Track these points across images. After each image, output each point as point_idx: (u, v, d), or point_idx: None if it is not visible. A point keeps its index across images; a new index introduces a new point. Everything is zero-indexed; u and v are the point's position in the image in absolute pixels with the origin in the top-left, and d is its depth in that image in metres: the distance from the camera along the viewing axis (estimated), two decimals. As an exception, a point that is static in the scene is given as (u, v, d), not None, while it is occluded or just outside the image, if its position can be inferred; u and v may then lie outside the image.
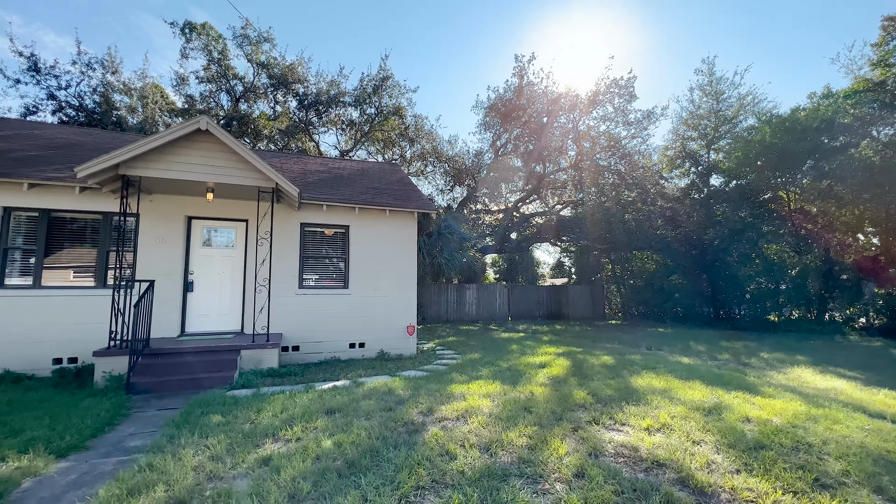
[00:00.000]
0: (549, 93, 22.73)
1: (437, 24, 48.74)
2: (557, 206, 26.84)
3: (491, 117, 25.39)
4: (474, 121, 59.56)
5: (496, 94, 24.64)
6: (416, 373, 7.17)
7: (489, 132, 26.25)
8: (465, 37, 52.56)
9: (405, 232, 9.73)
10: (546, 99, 22.76)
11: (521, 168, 26.06)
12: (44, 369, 6.97)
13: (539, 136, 23.06)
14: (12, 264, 7.20)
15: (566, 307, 23.27)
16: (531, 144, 24.62)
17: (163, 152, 6.72)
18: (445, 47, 53.67)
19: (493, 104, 24.72)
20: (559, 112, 22.93)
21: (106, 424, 4.32)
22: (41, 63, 17.21)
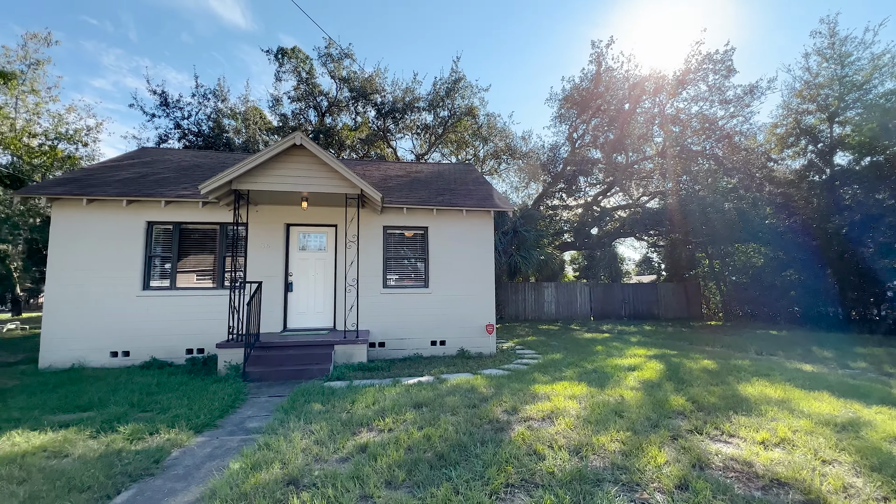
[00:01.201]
0: (630, 77, 21.24)
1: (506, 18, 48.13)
2: (643, 198, 24.97)
3: (566, 108, 24.41)
4: (548, 114, 57.73)
5: (571, 85, 23.65)
6: (498, 371, 7.18)
7: (564, 124, 25.27)
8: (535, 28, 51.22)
9: (482, 231, 9.77)
10: (627, 84, 21.30)
11: (600, 159, 24.68)
12: (179, 358, 8.22)
13: (620, 125, 21.65)
14: (154, 269, 8.59)
15: (656, 306, 21.58)
16: (611, 134, 23.21)
17: (265, 167, 7.54)
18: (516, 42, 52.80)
19: (569, 95, 23.74)
20: (642, 97, 21.32)
21: (229, 407, 4.97)
22: (169, 98, 20.37)
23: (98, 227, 8.25)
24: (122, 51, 49.28)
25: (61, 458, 3.42)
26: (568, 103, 23.94)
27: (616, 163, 23.48)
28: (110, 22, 47.07)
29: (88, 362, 7.90)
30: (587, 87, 22.75)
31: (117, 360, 8.04)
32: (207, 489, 2.86)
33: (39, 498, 2.71)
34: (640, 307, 21.76)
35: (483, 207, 9.56)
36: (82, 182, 8.78)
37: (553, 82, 62.13)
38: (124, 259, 8.27)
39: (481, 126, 23.19)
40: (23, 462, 3.25)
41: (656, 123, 22.12)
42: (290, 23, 49.51)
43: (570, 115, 24.66)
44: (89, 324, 7.99)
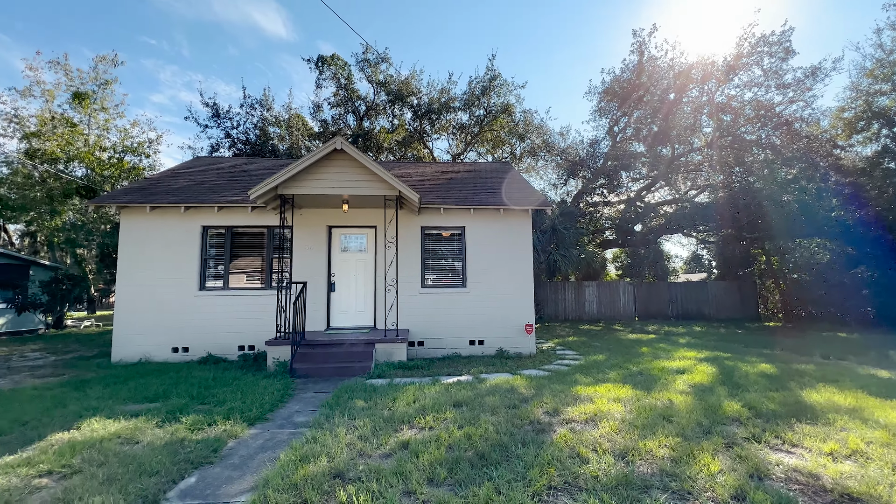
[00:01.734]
0: (675, 65, 20.24)
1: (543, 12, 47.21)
2: (690, 192, 23.72)
3: (606, 101, 23.64)
4: (587, 108, 56.08)
5: (612, 77, 22.87)
6: (538, 372, 7.07)
7: (604, 118, 24.48)
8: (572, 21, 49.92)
9: (520, 230, 9.67)
10: (672, 73, 20.30)
11: (643, 153, 23.67)
12: (232, 354, 8.72)
13: (664, 116, 20.67)
14: (208, 271, 9.16)
15: (706, 306, 20.43)
16: (655, 126, 22.21)
17: (308, 172, 7.85)
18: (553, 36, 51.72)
19: (609, 87, 22.97)
20: (689, 85, 20.23)
21: (278, 402, 5.22)
22: (220, 110, 21.69)
23: (160, 232, 8.92)
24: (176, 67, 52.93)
25: (133, 444, 3.73)
26: (608, 96, 23.18)
27: (660, 156, 22.45)
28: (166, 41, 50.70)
29: (153, 357, 8.56)
30: (628, 79, 21.92)
31: (178, 355, 8.65)
32: (261, 478, 3.02)
33: (116, 480, 2.97)
34: (689, 307, 20.68)
35: (520, 206, 9.45)
36: (146, 191, 9.52)
37: (592, 75, 60.35)
38: (183, 261, 8.88)
39: (518, 123, 22.91)
40: (101, 447, 3.58)
41: (705, 113, 20.93)
42: (328, 30, 51.20)
43: (610, 108, 23.86)
44: (154, 322, 8.65)
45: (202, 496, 2.87)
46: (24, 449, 3.60)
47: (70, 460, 3.29)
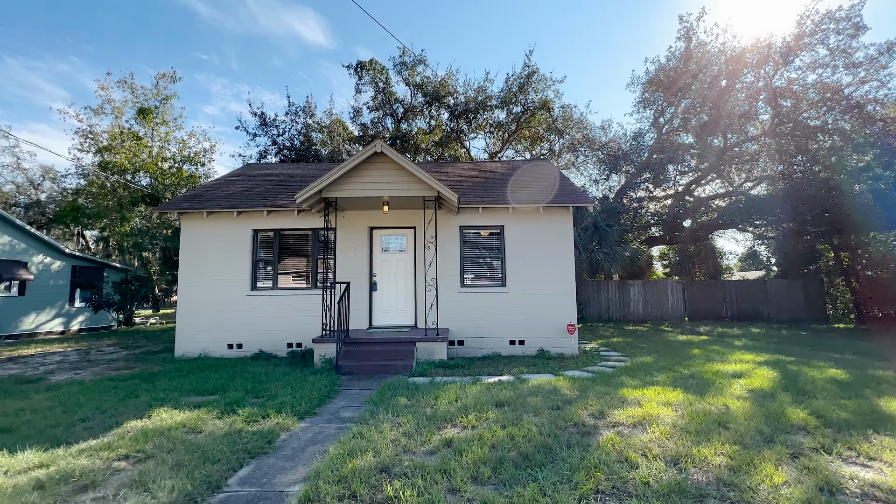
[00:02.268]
0: (727, 50, 19.02)
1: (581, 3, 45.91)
2: (746, 184, 22.22)
3: (651, 92, 22.62)
4: (629, 100, 53.92)
5: (656, 66, 21.86)
6: (581, 373, 6.90)
7: (649, 109, 23.44)
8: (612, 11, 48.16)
9: (560, 227, 9.47)
10: (724, 58, 19.10)
11: (692, 145, 22.44)
12: (282, 351, 9.15)
13: (715, 104, 19.48)
14: (259, 272, 9.66)
15: (765, 306, 19.07)
16: (705, 115, 20.99)
17: (350, 176, 8.09)
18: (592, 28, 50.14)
19: (654, 77, 21.98)
20: (743, 70, 18.94)
21: (326, 397, 5.43)
22: (267, 118, 22.82)
23: (215, 236, 9.52)
24: (226, 80, 56.18)
25: (196, 433, 4.02)
26: (652, 86, 22.17)
27: (711, 147, 21.19)
28: (217, 55, 53.92)
29: (211, 353, 9.15)
30: (675, 67, 20.86)
31: (232, 351, 9.20)
32: (312, 470, 3.16)
33: (183, 465, 3.22)
34: (745, 307, 19.38)
35: (560, 203, 9.26)
36: (202, 198, 10.19)
37: (634, 66, 57.95)
38: (236, 263, 9.42)
39: (556, 119, 22.41)
40: (169, 435, 3.88)
41: (761, 99, 19.53)
42: (365, 36, 52.52)
43: (654, 98, 22.83)
44: (211, 320, 9.25)
45: (259, 484, 3.05)
46: (104, 434, 3.97)
47: (143, 446, 3.60)
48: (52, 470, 3.13)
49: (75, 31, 47.28)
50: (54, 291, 15.67)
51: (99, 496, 2.81)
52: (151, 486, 2.90)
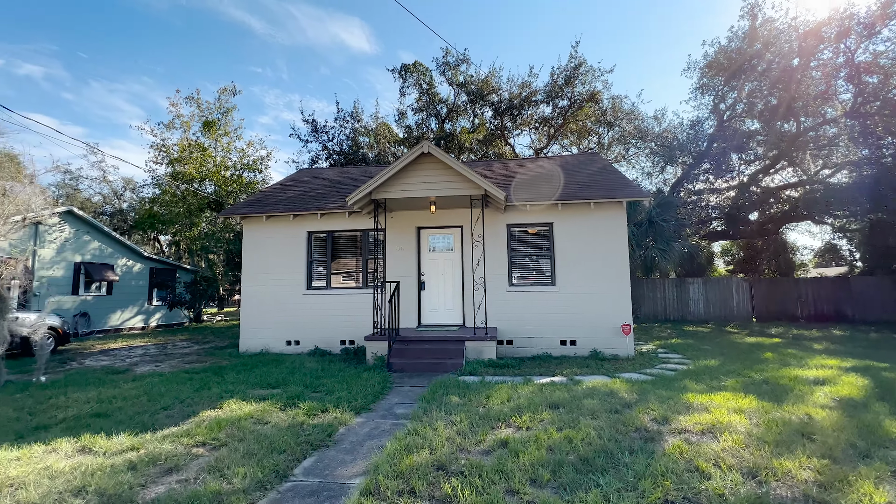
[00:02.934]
0: (799, 25, 17.36)
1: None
2: (823, 172, 20.16)
3: (709, 77, 21.14)
4: (685, 87, 50.72)
5: (715, 48, 20.40)
6: (638, 376, 6.58)
7: (707, 95, 21.91)
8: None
9: (613, 223, 9.09)
10: (795, 34, 17.45)
11: (759, 131, 20.72)
12: (335, 348, 9.51)
13: (787, 85, 17.84)
14: (313, 272, 10.10)
15: (848, 306, 17.22)
16: (773, 98, 19.30)
17: (398, 177, 8.24)
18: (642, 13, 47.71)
19: (713, 60, 20.52)
20: (819, 46, 17.19)
21: (379, 393, 5.57)
22: (318, 125, 23.85)
23: (274, 238, 10.07)
24: (278, 90, 59.30)
25: (262, 424, 4.27)
26: (712, 70, 20.71)
27: (781, 132, 19.42)
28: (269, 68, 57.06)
29: (271, 349, 9.69)
30: (737, 48, 19.35)
31: (291, 347, 9.69)
32: (371, 464, 3.25)
33: (254, 454, 3.43)
34: (824, 307, 17.60)
35: (612, 198, 8.88)
36: (261, 202, 10.82)
37: (690, 50, 54.47)
38: (293, 264, 9.91)
39: (605, 111, 21.51)
40: (239, 425, 4.15)
41: (841, 77, 17.62)
42: (407, 39, 53.41)
43: (714, 83, 21.32)
44: (271, 318, 9.80)
45: (321, 475, 3.18)
46: (183, 422, 4.33)
47: (218, 434, 3.87)
48: (141, 453, 3.46)
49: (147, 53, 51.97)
50: (136, 291, 17.32)
51: (182, 479, 3.06)
52: (226, 472, 3.12)
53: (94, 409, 4.76)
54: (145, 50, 51.39)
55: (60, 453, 3.47)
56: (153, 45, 51.35)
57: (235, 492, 2.83)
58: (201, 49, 53.89)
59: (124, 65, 51.44)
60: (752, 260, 28.04)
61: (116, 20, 46.61)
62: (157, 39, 50.87)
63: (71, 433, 3.92)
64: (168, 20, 48.46)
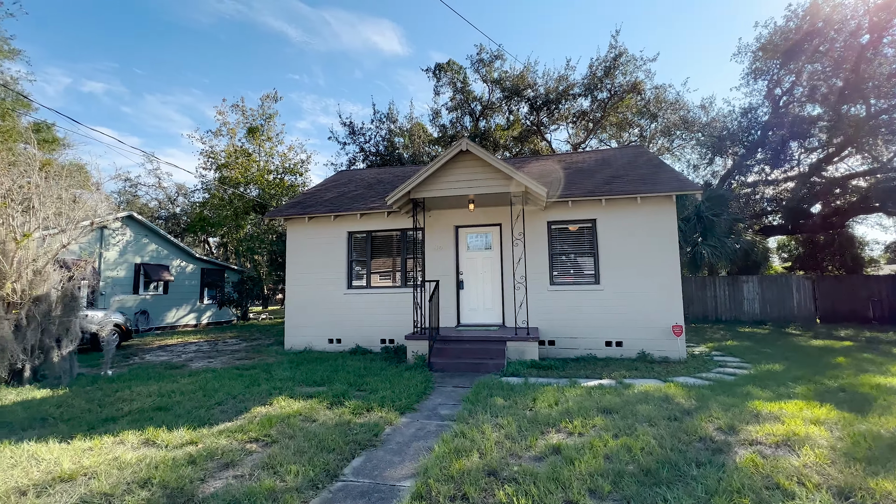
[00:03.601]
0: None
1: (672, -27, 41.76)
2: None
3: (763, 60, 19.76)
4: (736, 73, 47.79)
5: (770, 30, 19.02)
6: (694, 380, 6.18)
7: (761, 80, 20.50)
8: (711, -26, 43.06)
9: (661, 218, 8.63)
10: (864, 8, 15.94)
11: (821, 116, 19.12)
12: (375, 346, 9.62)
13: (855, 65, 16.35)
14: (353, 271, 10.25)
15: (931, 306, 15.56)
16: (838, 80, 17.74)
17: (437, 176, 8.19)
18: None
19: (767, 42, 19.15)
20: (893, 20, 15.61)
21: (422, 393, 5.53)
22: (355, 127, 24.36)
23: (316, 239, 10.31)
24: (315, 96, 61.12)
25: (311, 421, 4.33)
26: (766, 53, 19.34)
27: (849, 116, 17.81)
28: (306, 74, 58.91)
29: (314, 346, 9.94)
30: (796, 27, 17.95)
31: (332, 345, 9.89)
32: (420, 466, 3.20)
33: (304, 452, 3.46)
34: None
35: (661, 192, 8.42)
36: (303, 204, 11.12)
37: (742, 33, 51.15)
38: (334, 263, 10.12)
39: (648, 101, 20.55)
40: (289, 422, 4.23)
41: (920, 52, 15.92)
42: (438, 40, 53.50)
43: (769, 67, 19.92)
44: (314, 316, 10.04)
45: (371, 476, 3.16)
46: (236, 417, 4.46)
47: (269, 431, 3.96)
48: (199, 447, 3.58)
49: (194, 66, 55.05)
50: (188, 290, 18.34)
51: (238, 474, 3.13)
52: (279, 469, 3.16)
53: (156, 402, 5.01)
54: (193, 63, 54.46)
55: (127, 445, 3.66)
56: (200, 58, 54.32)
57: (289, 490, 2.85)
58: (243, 60, 56.48)
59: (175, 77, 54.73)
60: (812, 256, 25.97)
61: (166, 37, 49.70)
62: (203, 53, 53.79)
63: (136, 426, 4.14)
64: (213, 34, 51.12)
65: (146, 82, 53.06)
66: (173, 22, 47.59)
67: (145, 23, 46.44)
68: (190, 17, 47.41)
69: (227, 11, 48.02)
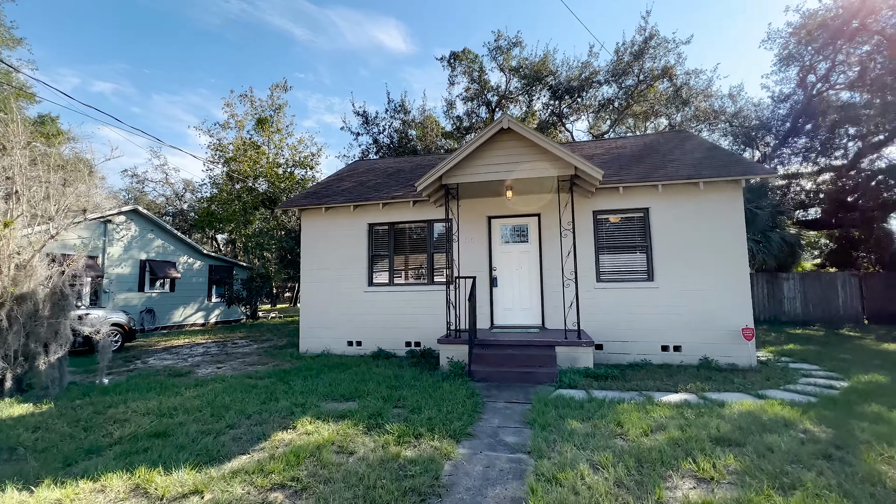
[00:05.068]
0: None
1: (692, -40, 40.14)
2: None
3: (795, 46, 18.57)
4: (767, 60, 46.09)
5: (802, 14, 17.85)
6: (790, 396, 5.17)
7: (793, 66, 19.29)
8: (732, -39, 41.39)
9: (726, 207, 7.61)
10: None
11: (861, 104, 17.87)
12: (400, 349, 8.68)
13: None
14: (375, 267, 9.30)
15: None
16: (879, 63, 16.51)
17: (473, 158, 7.22)
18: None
19: (799, 27, 18.00)
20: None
21: (473, 412, 4.57)
22: (369, 117, 23.44)
23: (333, 232, 9.39)
24: (321, 94, 60.27)
25: (347, 454, 3.40)
26: (799, 38, 18.13)
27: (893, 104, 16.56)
28: (312, 73, 58.08)
29: (332, 349, 9.03)
30: (829, 10, 16.75)
31: (352, 349, 8.98)
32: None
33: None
34: (958, 306, 14.79)
35: (727, 176, 7.40)
36: (319, 194, 10.20)
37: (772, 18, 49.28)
38: (353, 259, 9.20)
39: (680, 87, 19.35)
40: (319, 457, 3.30)
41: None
42: (444, 38, 52.27)
43: (802, 52, 18.70)
44: (331, 316, 9.13)
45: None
46: (253, 447, 3.55)
47: (297, 472, 3.02)
48: (207, 499, 2.66)
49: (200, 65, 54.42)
50: (196, 288, 17.55)
51: (260, 548, 2.20)
52: (319, 540, 2.23)
53: (153, 425, 4.11)
54: (200, 63, 53.75)
55: (109, 494, 2.74)
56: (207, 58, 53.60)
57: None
58: (250, 59, 55.65)
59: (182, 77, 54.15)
60: (846, 252, 24.67)
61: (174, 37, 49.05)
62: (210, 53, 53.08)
63: (125, 461, 3.23)
64: (220, 33, 50.32)
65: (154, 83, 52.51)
66: (181, 22, 46.92)
67: (152, 23, 45.84)
68: (197, 17, 46.64)
69: (233, 11, 47.15)
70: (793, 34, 18.90)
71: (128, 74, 50.09)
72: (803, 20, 18.29)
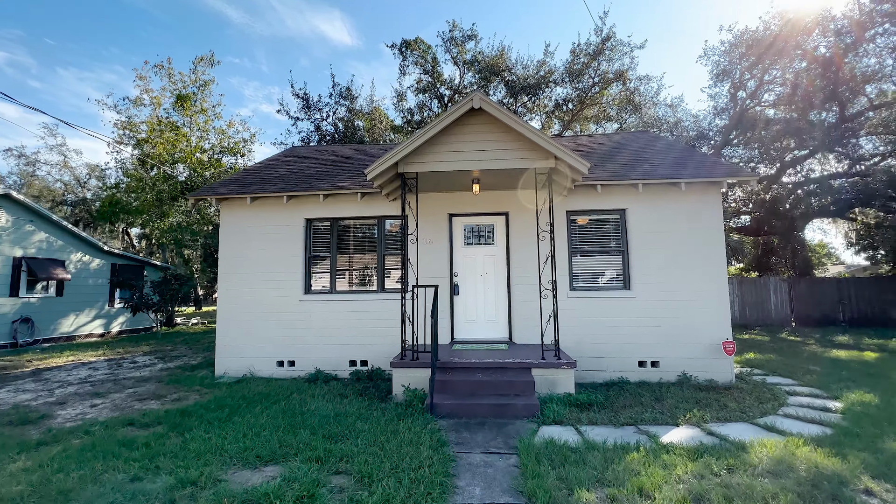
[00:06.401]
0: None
1: (635, -24, 42.03)
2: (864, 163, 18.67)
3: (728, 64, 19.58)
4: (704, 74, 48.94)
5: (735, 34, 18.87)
6: (800, 427, 4.52)
7: (726, 81, 20.35)
8: (670, -19, 44.01)
9: (704, 211, 7.07)
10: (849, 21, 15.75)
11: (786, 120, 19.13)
12: (342, 370, 7.28)
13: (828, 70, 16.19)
14: (314, 271, 7.78)
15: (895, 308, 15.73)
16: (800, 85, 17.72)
17: (435, 143, 6.01)
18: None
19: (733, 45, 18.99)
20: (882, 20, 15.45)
21: (442, 475, 3.34)
22: (311, 100, 21.30)
23: (261, 228, 7.74)
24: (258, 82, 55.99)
25: None
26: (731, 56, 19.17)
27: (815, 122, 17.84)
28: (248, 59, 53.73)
29: (258, 371, 7.39)
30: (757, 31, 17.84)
31: (283, 370, 7.40)
32: None
33: None
34: (866, 308, 16.11)
35: (710, 177, 6.85)
36: (245, 181, 8.44)
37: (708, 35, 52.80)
38: (286, 260, 7.62)
39: (633, 92, 19.52)
40: None
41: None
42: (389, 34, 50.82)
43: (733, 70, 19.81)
44: (256, 331, 7.49)
45: None
46: None
47: None
48: None
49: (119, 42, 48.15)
50: (94, 292, 14.65)
51: None
52: None
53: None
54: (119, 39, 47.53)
55: None
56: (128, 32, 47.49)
57: None
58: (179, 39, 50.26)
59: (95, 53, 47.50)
60: (767, 257, 26.70)
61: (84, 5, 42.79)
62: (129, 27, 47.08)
63: None
64: (146, 8, 44.72)
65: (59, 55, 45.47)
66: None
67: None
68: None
69: (160, -21, 42.15)
70: (725, 52, 19.91)
71: (25, 43, 42.88)
72: (735, 39, 19.30)
